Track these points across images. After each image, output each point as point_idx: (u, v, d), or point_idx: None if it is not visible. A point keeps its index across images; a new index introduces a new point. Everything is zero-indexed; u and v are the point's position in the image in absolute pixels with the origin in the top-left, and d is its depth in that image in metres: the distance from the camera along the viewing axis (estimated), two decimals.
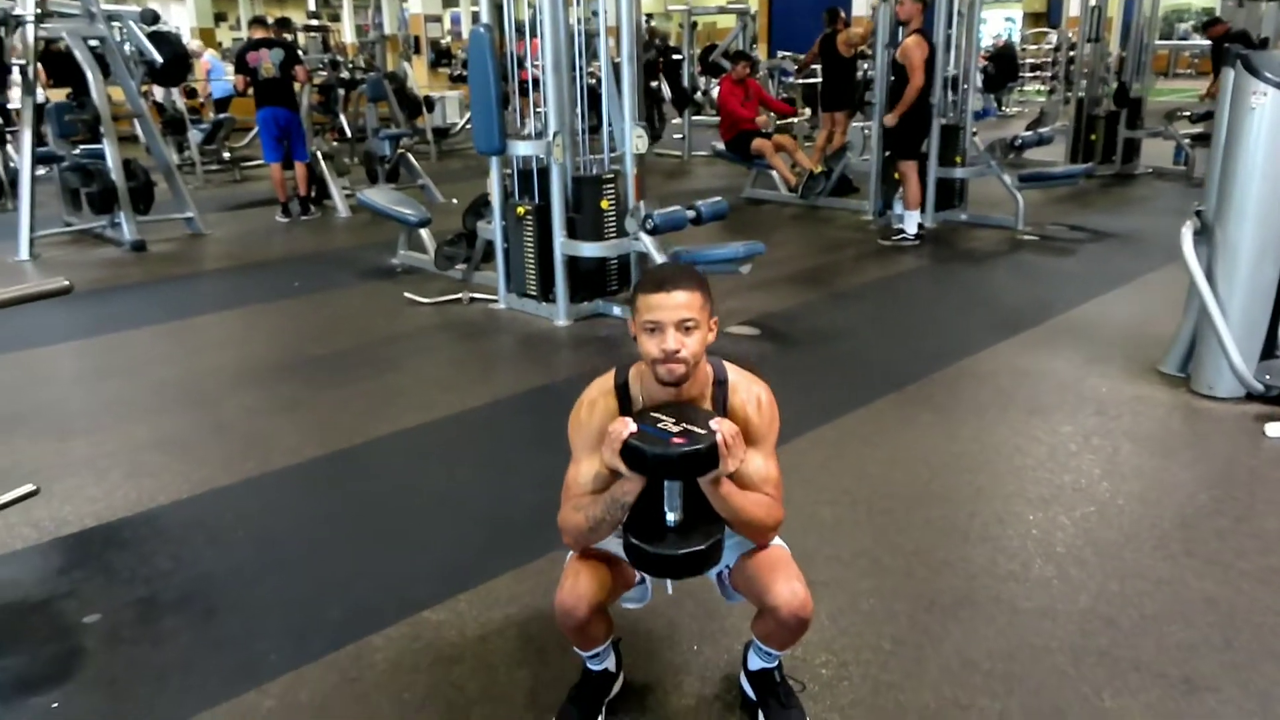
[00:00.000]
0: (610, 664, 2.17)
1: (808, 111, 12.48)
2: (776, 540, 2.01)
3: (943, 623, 2.50)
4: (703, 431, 1.73)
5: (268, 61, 7.87)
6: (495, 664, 2.37)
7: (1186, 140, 9.71)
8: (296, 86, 8.27)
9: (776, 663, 2.14)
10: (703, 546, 1.80)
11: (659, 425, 1.75)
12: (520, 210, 5.23)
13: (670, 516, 1.83)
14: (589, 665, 2.14)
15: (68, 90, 7.86)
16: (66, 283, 2.24)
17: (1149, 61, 10.13)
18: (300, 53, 8.94)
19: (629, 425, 1.75)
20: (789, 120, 10.25)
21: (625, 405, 1.91)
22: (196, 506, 3.24)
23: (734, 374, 1.95)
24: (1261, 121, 3.67)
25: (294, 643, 2.47)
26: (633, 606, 2.13)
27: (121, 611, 2.62)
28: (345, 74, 12.24)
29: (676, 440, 1.72)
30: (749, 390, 1.94)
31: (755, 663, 2.16)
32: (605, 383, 1.95)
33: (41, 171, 7.47)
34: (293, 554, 2.94)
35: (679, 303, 1.79)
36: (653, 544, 1.80)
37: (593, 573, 1.92)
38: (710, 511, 1.83)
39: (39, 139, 7.31)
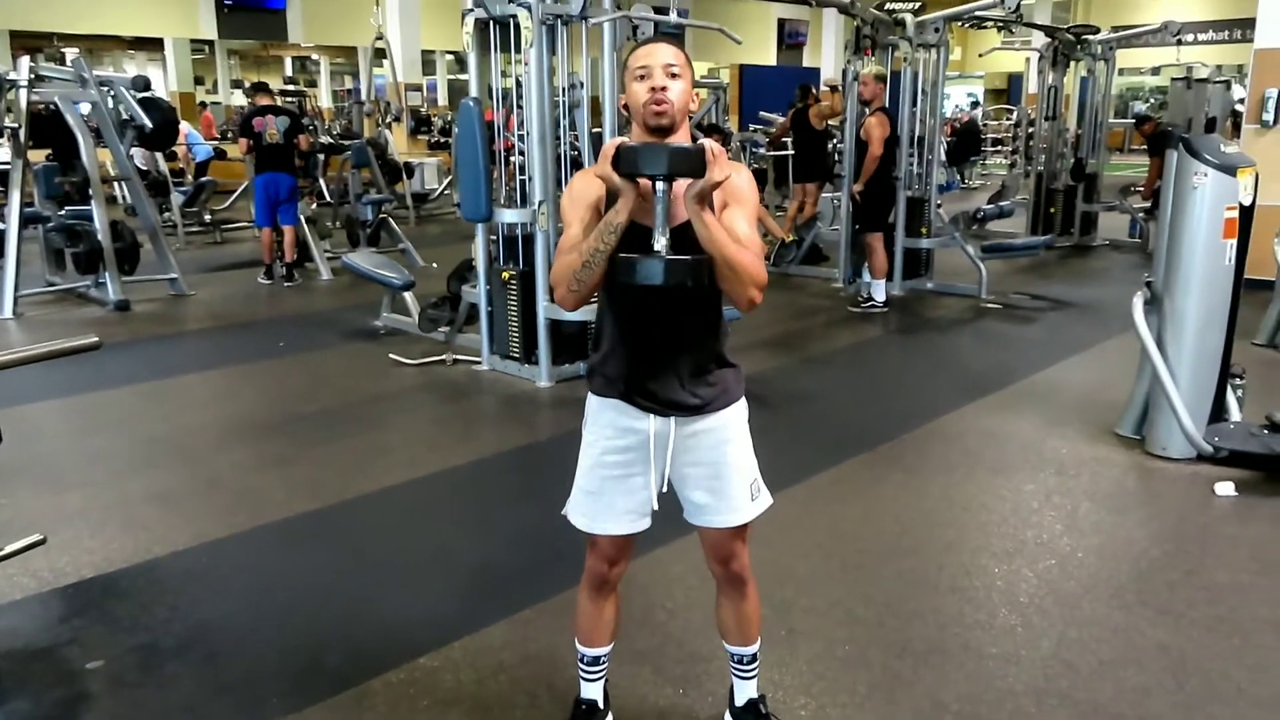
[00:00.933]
0: (601, 689, 2.29)
1: (772, 180, 12.84)
2: (746, 517, 2.11)
3: (914, 668, 2.64)
4: (690, 145, 1.86)
5: (273, 128, 8.07)
6: (490, 706, 2.48)
7: (1141, 214, 10.13)
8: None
9: (754, 678, 2.27)
10: (689, 258, 1.85)
11: (649, 144, 1.89)
12: (505, 275, 5.41)
13: (659, 241, 1.86)
14: (584, 678, 2.28)
15: (47, 152, 8.00)
16: (96, 339, 2.38)
17: (1104, 138, 10.61)
18: (306, 121, 9.14)
19: (622, 139, 1.88)
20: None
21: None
22: (192, 558, 3.32)
23: (713, 144, 2.00)
24: (1203, 200, 3.95)
25: (294, 687, 2.56)
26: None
27: (123, 658, 2.70)
28: (326, 139, 12.50)
29: (666, 145, 1.86)
30: (728, 164, 1.96)
31: (740, 695, 2.29)
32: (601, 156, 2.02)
33: (27, 232, 7.56)
34: (289, 603, 3.04)
35: (666, 53, 1.94)
36: (643, 255, 1.85)
37: (610, 540, 2.12)
38: (698, 251, 1.87)
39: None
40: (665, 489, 2.09)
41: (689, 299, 1.95)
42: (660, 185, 1.84)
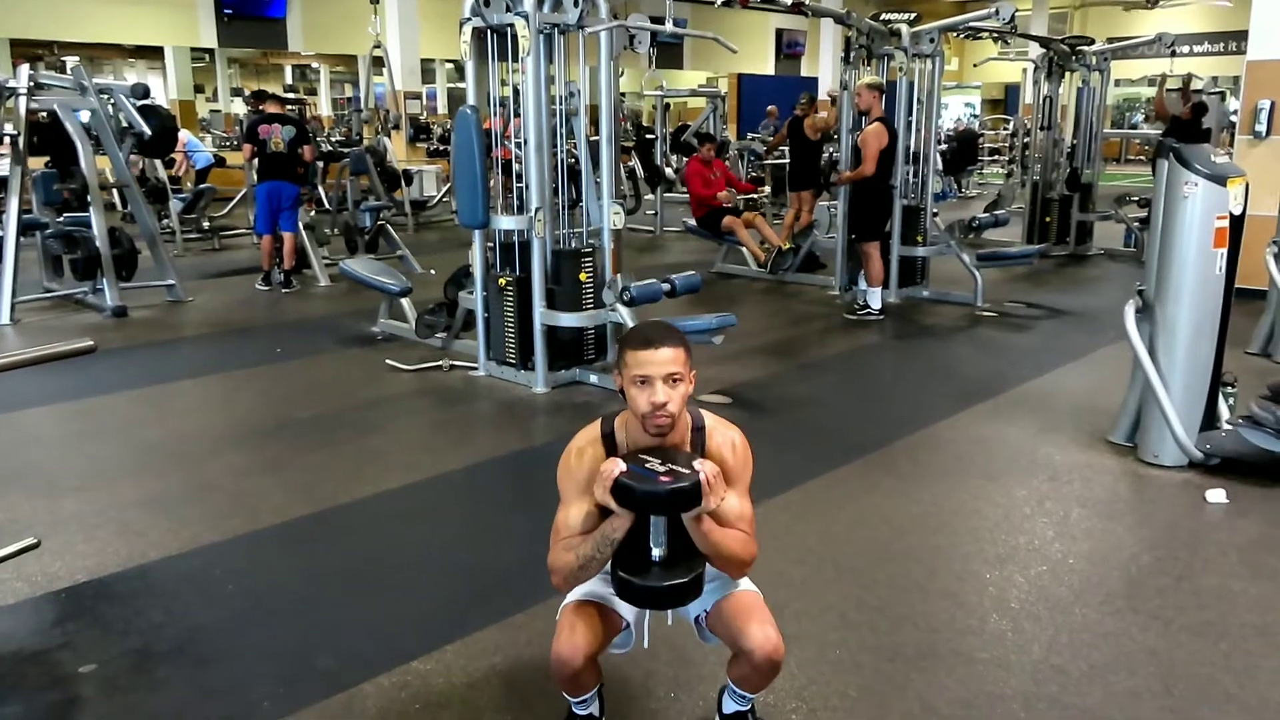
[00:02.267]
0: (595, 709, 2.29)
1: (767, 189, 12.89)
2: (751, 586, 2.17)
3: (905, 673, 2.65)
4: (687, 471, 1.90)
5: (278, 136, 8.09)
6: (481, 709, 2.49)
7: (1135, 223, 10.16)
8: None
9: (750, 705, 2.28)
10: (685, 579, 1.95)
11: (646, 465, 1.92)
12: (502, 281, 5.43)
13: (656, 552, 1.98)
14: (575, 710, 2.27)
15: (45, 159, 8.02)
16: (90, 343, 2.39)
17: (1099, 148, 10.65)
18: (310, 132, 9.17)
19: (619, 465, 1.92)
20: (752, 196, 10.60)
21: (611, 452, 2.07)
22: (186, 562, 3.33)
23: (710, 420, 2.14)
24: (1194, 209, 3.97)
25: (286, 690, 2.57)
26: (618, 653, 2.25)
27: (116, 661, 2.71)
28: (325, 147, 12.52)
29: (663, 479, 1.88)
30: (724, 435, 2.12)
31: (730, 706, 2.29)
32: (592, 431, 2.12)
33: (24, 238, 7.57)
34: (282, 607, 3.05)
35: (666, 358, 1.97)
36: (640, 577, 1.96)
37: (587, 624, 2.06)
38: (691, 547, 1.98)
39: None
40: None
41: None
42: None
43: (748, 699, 2.25)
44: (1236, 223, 4.02)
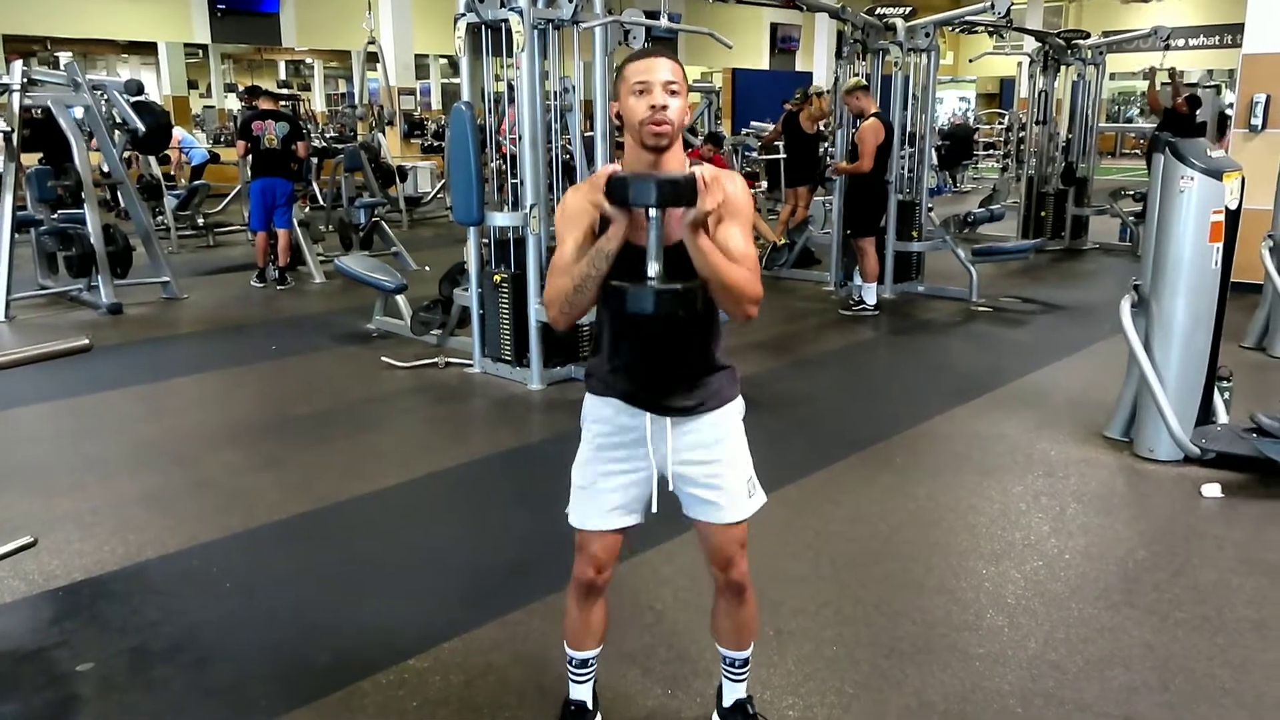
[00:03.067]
0: (590, 690, 2.31)
1: (764, 184, 12.88)
2: (743, 515, 2.14)
3: (902, 668, 2.66)
4: (681, 174, 1.86)
5: (271, 133, 8.06)
6: (479, 706, 2.49)
7: (1130, 218, 10.18)
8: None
9: (744, 680, 2.29)
10: (679, 286, 1.86)
11: (641, 173, 1.90)
12: (497, 278, 5.42)
13: (652, 267, 1.87)
14: (573, 680, 2.29)
15: (39, 156, 8.00)
16: (86, 341, 2.39)
17: (1095, 143, 10.65)
18: (303, 128, 9.14)
19: (614, 167, 1.89)
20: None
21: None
22: (183, 560, 3.33)
23: (709, 167, 2.02)
24: (1189, 203, 3.98)
25: (284, 688, 2.57)
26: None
27: (113, 660, 2.71)
28: (319, 143, 12.49)
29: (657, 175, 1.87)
30: (725, 174, 1.99)
31: (728, 694, 2.30)
32: (591, 177, 2.04)
33: (19, 235, 7.55)
34: (279, 605, 3.04)
35: (665, 67, 1.93)
36: (634, 284, 1.87)
37: (600, 540, 2.12)
38: (692, 275, 1.89)
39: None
40: (668, 486, 2.12)
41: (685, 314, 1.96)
42: (653, 213, 1.85)
43: (738, 669, 2.27)
44: (1232, 217, 4.03)
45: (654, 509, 2.13)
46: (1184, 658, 2.71)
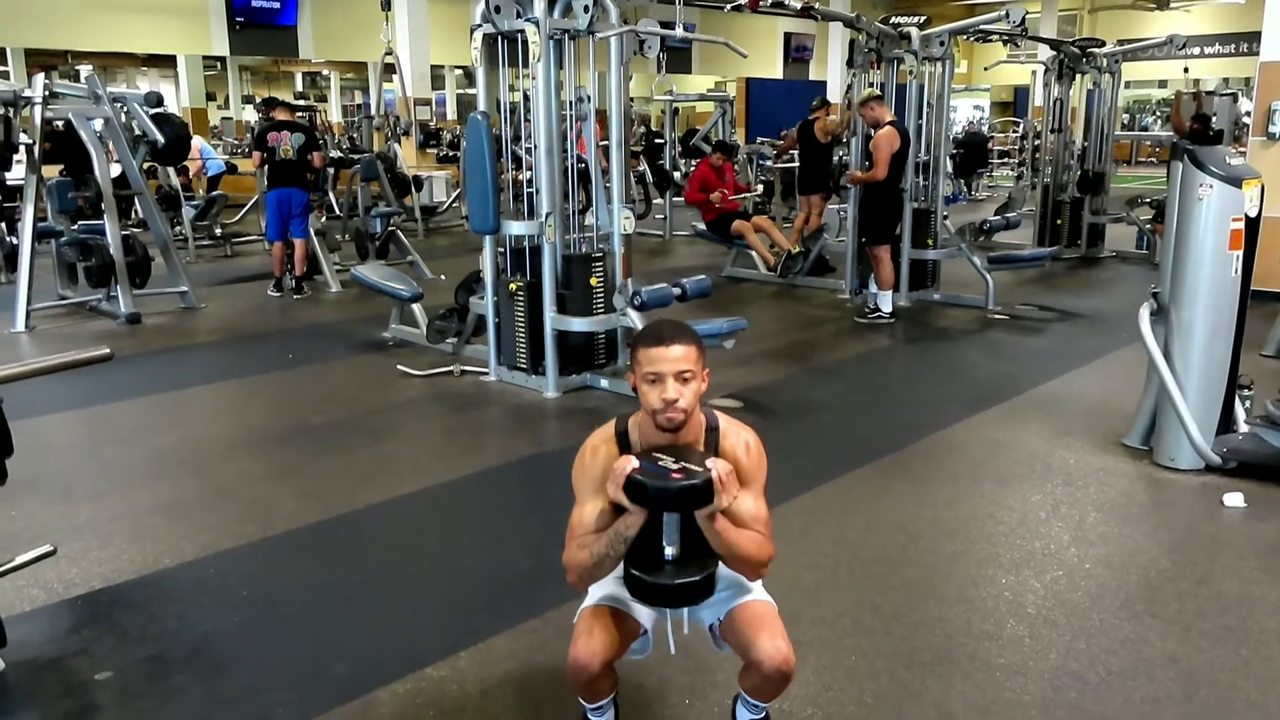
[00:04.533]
0: (610, 716, 2.28)
1: (760, 188, 12.87)
2: (764, 596, 2.15)
3: (921, 679, 2.64)
4: (699, 469, 1.89)
5: (287, 144, 8.11)
6: (496, 716, 2.49)
7: (1147, 225, 10.11)
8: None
9: (764, 714, 2.27)
10: (698, 578, 1.95)
11: (659, 463, 1.92)
12: (512, 287, 5.43)
13: (669, 550, 1.97)
14: (591, 717, 2.26)
15: (60, 167, 8.06)
16: (107, 350, 2.40)
17: (1111, 150, 10.60)
18: (319, 139, 9.19)
19: (632, 462, 1.91)
20: (745, 195, 10.65)
21: (625, 451, 2.06)
22: (201, 569, 3.34)
23: (724, 421, 2.13)
24: (1209, 211, 3.95)
25: (301, 697, 2.57)
26: (636, 657, 2.24)
27: (132, 669, 2.71)
28: (335, 153, 12.56)
29: (675, 475, 1.88)
30: (738, 435, 2.11)
31: (744, 715, 2.28)
32: (606, 431, 2.12)
33: (39, 246, 7.61)
34: (297, 613, 3.05)
35: (677, 356, 1.97)
36: (652, 575, 1.95)
37: (604, 629, 2.05)
38: (705, 548, 1.97)
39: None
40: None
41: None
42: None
43: (761, 708, 2.24)
44: (1252, 225, 4.00)
45: (673, 650, 2.22)
46: (1208, 669, 2.68)
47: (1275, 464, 3.95)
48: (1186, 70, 10.76)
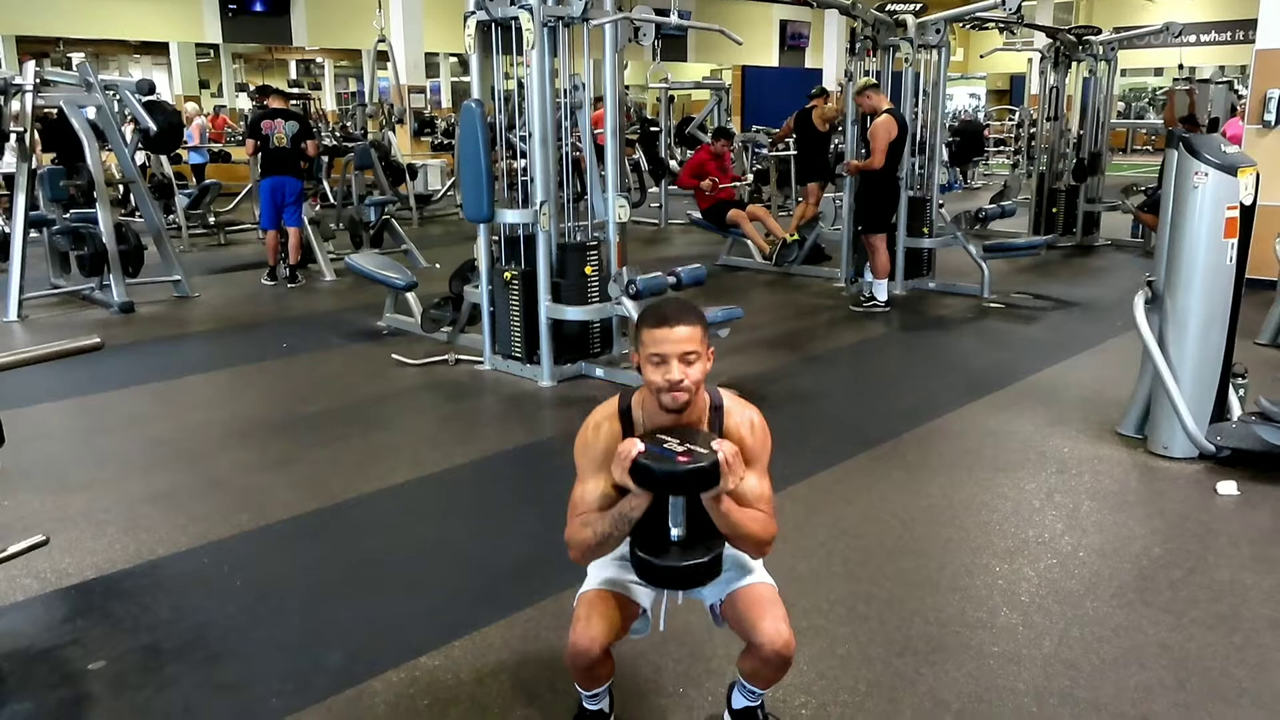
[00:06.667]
0: (605, 704, 2.29)
1: (749, 177, 12.83)
2: (766, 578, 2.15)
3: (915, 667, 2.64)
4: (705, 451, 1.88)
5: (280, 132, 8.08)
6: (490, 705, 2.48)
7: (1133, 209, 10.10)
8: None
9: (760, 700, 2.27)
10: (705, 559, 1.94)
11: (665, 445, 1.91)
12: (507, 275, 5.42)
13: (674, 532, 1.96)
14: (586, 705, 2.26)
15: (53, 155, 8.02)
16: (97, 340, 2.39)
17: (1107, 139, 10.59)
18: (313, 127, 9.14)
19: (637, 445, 1.90)
20: (736, 183, 10.61)
21: (628, 429, 2.06)
22: (194, 558, 3.33)
23: (729, 400, 2.13)
24: (1203, 199, 3.94)
25: (295, 687, 2.57)
26: (636, 637, 2.23)
27: (125, 658, 2.71)
28: (329, 141, 12.52)
29: (681, 459, 1.87)
30: (743, 414, 2.12)
31: (739, 701, 2.28)
32: (610, 407, 2.11)
33: (31, 235, 7.58)
34: (290, 603, 3.04)
35: (682, 336, 1.96)
36: (659, 557, 1.95)
37: (604, 614, 2.05)
38: (710, 527, 1.96)
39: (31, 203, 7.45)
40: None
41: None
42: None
43: (757, 694, 2.24)
44: (1247, 213, 4.00)
45: (662, 628, 2.22)
46: (1200, 656, 2.69)
47: (1268, 453, 3.94)
48: (1181, 66, 10.77)
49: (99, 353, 2.64)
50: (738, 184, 10.24)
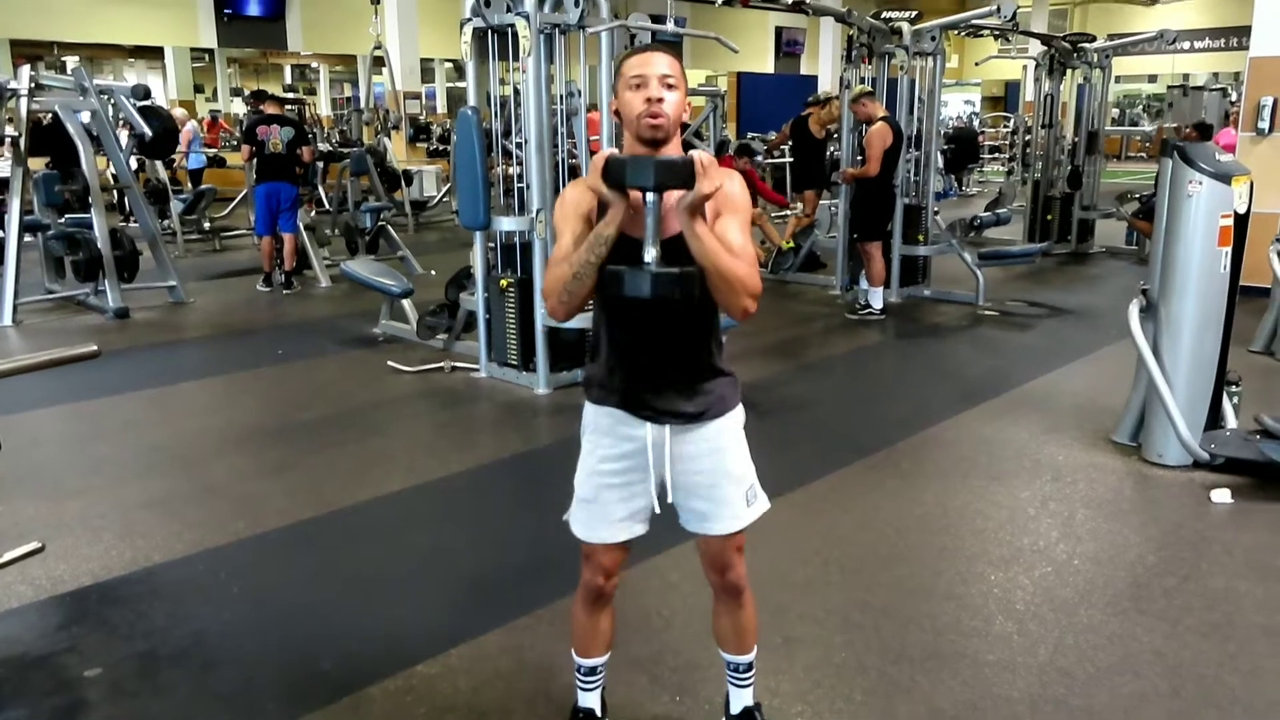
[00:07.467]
0: (596, 703, 2.30)
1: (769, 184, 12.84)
2: (743, 522, 2.12)
3: (911, 675, 2.65)
4: (679, 156, 1.87)
5: (276, 137, 8.07)
6: (487, 713, 2.49)
7: (1127, 217, 10.13)
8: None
9: (750, 686, 2.28)
10: (676, 270, 1.85)
11: (638, 155, 1.91)
12: (503, 283, 5.42)
13: (649, 252, 1.87)
14: (581, 688, 2.29)
15: (46, 160, 8.00)
16: (94, 348, 2.39)
17: (1101, 145, 10.63)
18: (308, 133, 9.13)
19: (612, 151, 1.90)
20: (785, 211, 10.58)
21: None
22: (190, 565, 3.33)
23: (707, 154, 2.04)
24: (1198, 207, 3.97)
25: (292, 694, 2.57)
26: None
27: (121, 665, 2.71)
28: (324, 147, 12.51)
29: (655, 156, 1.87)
30: (724, 172, 1.98)
31: (736, 701, 2.30)
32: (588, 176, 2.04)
33: (26, 239, 7.58)
34: (287, 610, 3.04)
35: (661, 61, 1.94)
36: (631, 268, 1.86)
37: (606, 550, 2.12)
38: (691, 262, 1.88)
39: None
40: (666, 498, 2.10)
41: (683, 308, 1.95)
42: (650, 197, 1.85)
43: (743, 674, 2.26)
44: (1241, 221, 4.02)
45: (657, 510, 2.12)
46: (1194, 664, 2.70)
47: (1261, 461, 3.96)
48: (1182, 75, 10.89)
49: (94, 359, 2.63)
50: (787, 210, 10.21)
